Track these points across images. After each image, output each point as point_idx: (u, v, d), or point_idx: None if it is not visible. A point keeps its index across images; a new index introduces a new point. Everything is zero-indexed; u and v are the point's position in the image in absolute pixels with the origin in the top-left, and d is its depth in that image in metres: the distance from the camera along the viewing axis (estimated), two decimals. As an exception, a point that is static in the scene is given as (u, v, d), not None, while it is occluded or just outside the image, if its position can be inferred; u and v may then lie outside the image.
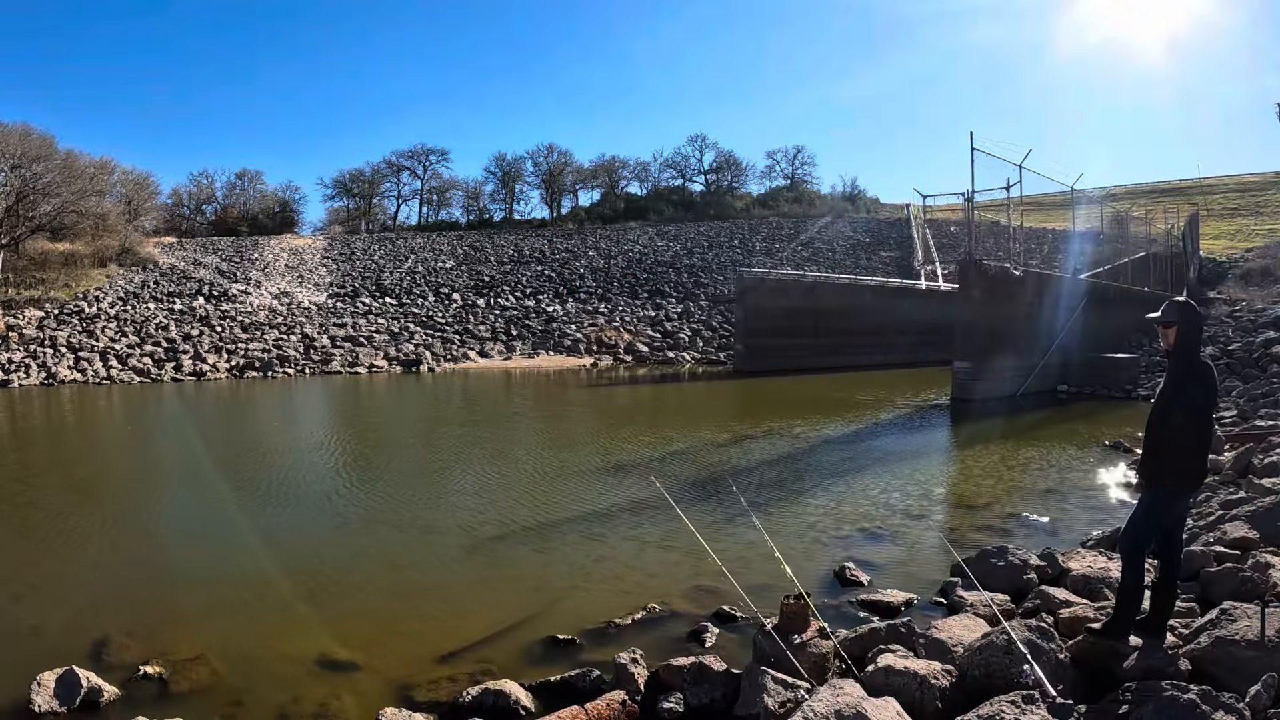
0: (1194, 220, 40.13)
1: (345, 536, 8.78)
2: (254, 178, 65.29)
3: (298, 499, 10.65)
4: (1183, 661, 3.99)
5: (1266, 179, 56.84)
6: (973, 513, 9.30)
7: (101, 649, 5.67)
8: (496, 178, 68.96)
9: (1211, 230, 43.89)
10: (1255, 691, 3.43)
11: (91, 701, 4.85)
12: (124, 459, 14.41)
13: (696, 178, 69.49)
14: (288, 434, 17.17)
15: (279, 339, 33.61)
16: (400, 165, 68.76)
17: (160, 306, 36.37)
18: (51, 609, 6.58)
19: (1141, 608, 4.38)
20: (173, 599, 6.77)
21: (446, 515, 9.57)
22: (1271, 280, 31.98)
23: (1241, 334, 23.19)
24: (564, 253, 48.68)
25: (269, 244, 49.77)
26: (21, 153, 38.24)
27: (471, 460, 13.71)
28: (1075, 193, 27.10)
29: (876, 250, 47.49)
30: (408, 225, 65.49)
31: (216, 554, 8.15)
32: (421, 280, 43.21)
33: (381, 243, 51.76)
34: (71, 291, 36.56)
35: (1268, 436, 10.76)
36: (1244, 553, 5.80)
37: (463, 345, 34.62)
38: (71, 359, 29.35)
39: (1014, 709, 3.50)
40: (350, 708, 4.86)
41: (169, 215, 58.63)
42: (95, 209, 41.67)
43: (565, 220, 62.43)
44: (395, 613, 6.46)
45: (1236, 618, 4.13)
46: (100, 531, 9.10)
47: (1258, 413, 14.58)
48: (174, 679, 5.22)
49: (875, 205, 64.52)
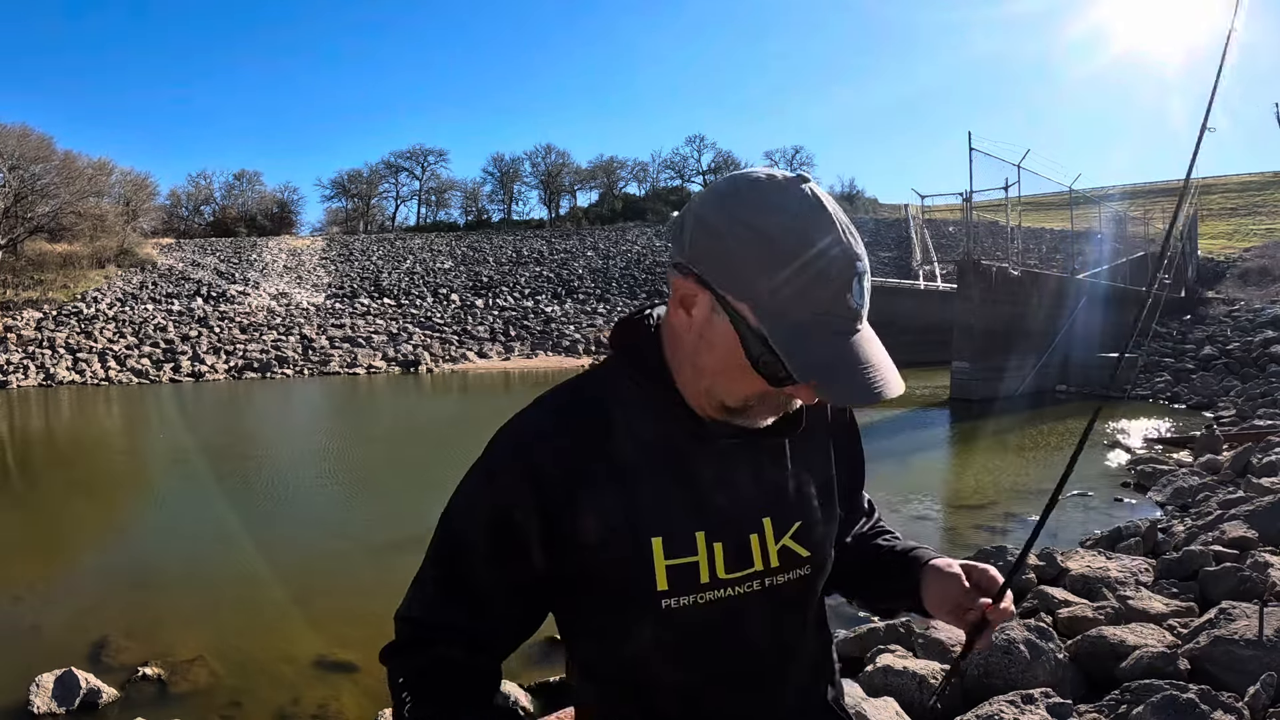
0: (1192, 220, 40.15)
1: (345, 537, 8.77)
2: (252, 179, 65.41)
3: (298, 500, 10.64)
4: (1182, 661, 3.99)
5: (1264, 179, 56.93)
6: (971, 512, 9.30)
7: (100, 650, 5.66)
8: (495, 178, 69.04)
9: (1209, 230, 43.94)
10: (1254, 691, 3.43)
11: (90, 703, 4.84)
12: (123, 460, 14.40)
13: (695, 178, 69.57)
14: (288, 435, 17.16)
15: (277, 340, 33.59)
16: (398, 166, 68.84)
17: (159, 307, 36.35)
18: (50, 610, 6.57)
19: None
20: (172, 600, 6.76)
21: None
22: (1269, 280, 32.04)
23: (1239, 333, 23.20)
24: (562, 253, 48.68)
25: (267, 245, 49.75)
26: (20, 154, 38.25)
27: (471, 461, 13.67)
28: (1073, 193, 27.11)
29: (875, 250, 47.50)
30: (406, 226, 65.49)
31: (216, 555, 8.14)
32: (420, 281, 43.19)
33: (380, 243, 51.73)
34: (70, 293, 36.54)
35: (1266, 436, 10.77)
36: (1243, 552, 5.80)
37: (461, 346, 34.60)
38: (70, 360, 29.34)
39: (1013, 709, 3.50)
40: (350, 708, 4.85)
41: (167, 216, 58.63)
42: (93, 210, 41.71)
43: (564, 221, 62.47)
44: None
45: (1235, 617, 4.13)
46: (99, 532, 9.09)
47: (1256, 412, 14.60)
48: (173, 680, 5.21)
49: (874, 206, 64.56)
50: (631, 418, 1.10)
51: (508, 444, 1.12)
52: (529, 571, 1.10)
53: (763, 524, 1.12)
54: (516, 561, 1.09)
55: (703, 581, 1.07)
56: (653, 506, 1.07)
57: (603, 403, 1.12)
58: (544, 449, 1.08)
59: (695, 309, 1.02)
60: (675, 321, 1.05)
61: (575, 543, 1.07)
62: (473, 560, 1.11)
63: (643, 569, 1.06)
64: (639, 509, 1.07)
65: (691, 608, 1.07)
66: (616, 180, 69.43)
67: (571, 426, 1.10)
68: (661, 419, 1.10)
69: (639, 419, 1.10)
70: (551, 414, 1.13)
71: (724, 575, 1.08)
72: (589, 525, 1.07)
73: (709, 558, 1.08)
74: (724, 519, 1.10)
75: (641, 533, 1.06)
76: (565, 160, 68.55)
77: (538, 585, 1.12)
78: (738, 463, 1.12)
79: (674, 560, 1.06)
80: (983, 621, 1.12)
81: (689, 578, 1.07)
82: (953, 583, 1.17)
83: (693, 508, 1.09)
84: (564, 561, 1.09)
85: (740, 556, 1.10)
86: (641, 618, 1.07)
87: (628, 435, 1.09)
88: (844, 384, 0.94)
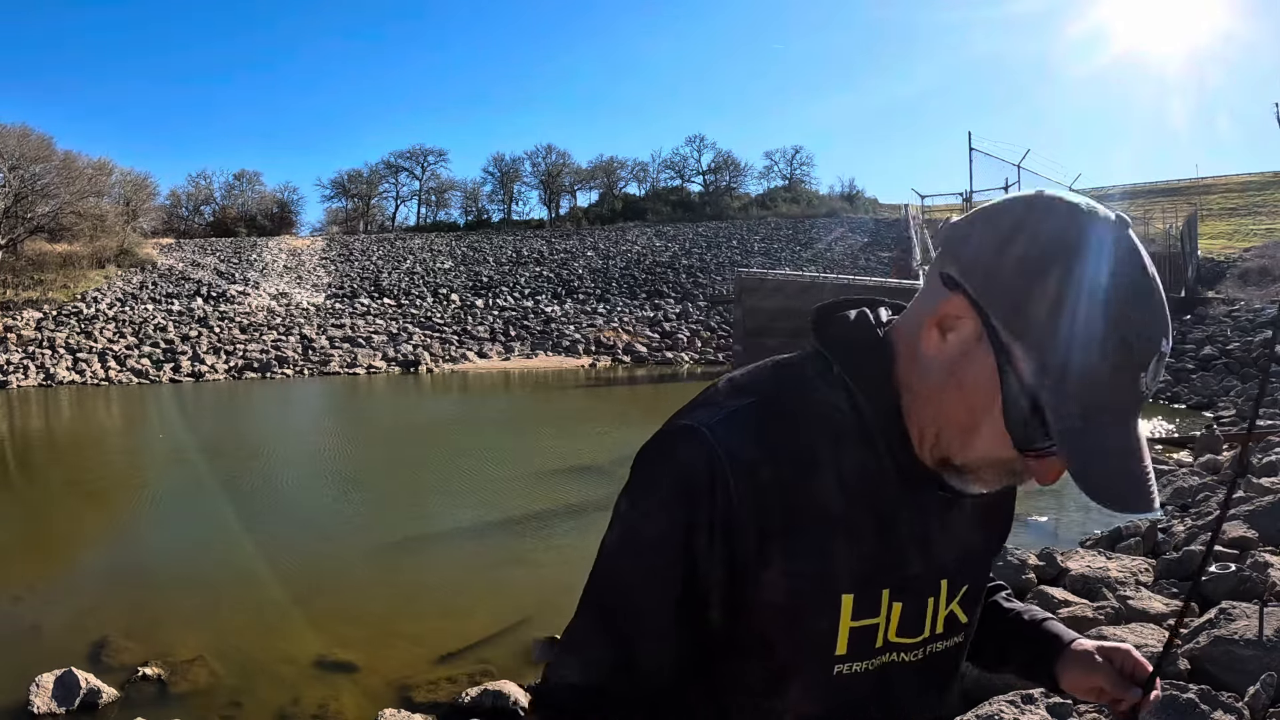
0: (1192, 220, 40.13)
1: (345, 536, 8.77)
2: (252, 179, 65.25)
3: (298, 499, 10.65)
4: (1181, 661, 3.99)
5: (1265, 179, 56.88)
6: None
7: (100, 650, 5.66)
8: (495, 178, 68.87)
9: (1209, 230, 43.91)
10: (1254, 690, 3.43)
11: (90, 703, 4.84)
12: (123, 459, 14.40)
13: (695, 178, 69.45)
14: (288, 435, 17.16)
15: (277, 340, 33.59)
16: (398, 166, 68.68)
17: (159, 307, 36.34)
18: (50, 610, 6.57)
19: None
20: (172, 600, 6.77)
21: (445, 516, 9.57)
22: (1270, 280, 32.02)
23: (1239, 333, 23.18)
24: (562, 253, 48.66)
25: (267, 245, 49.71)
26: (20, 153, 38.24)
27: (471, 460, 13.70)
28: (1074, 193, 27.10)
29: (875, 250, 47.48)
30: (406, 226, 65.38)
31: (216, 555, 8.14)
32: (420, 281, 43.18)
33: (380, 243, 51.70)
34: (70, 292, 36.53)
35: (1266, 436, 10.77)
36: (1243, 552, 5.80)
37: (461, 346, 34.59)
38: (70, 360, 29.33)
39: (1013, 709, 3.51)
40: (349, 708, 4.85)
41: (167, 216, 58.51)
42: (93, 210, 41.66)
43: (564, 221, 62.35)
44: (394, 614, 6.46)
45: (1235, 617, 4.14)
46: (99, 532, 9.10)
47: (1256, 412, 14.59)
48: (173, 680, 5.21)
49: (874, 205, 64.42)
50: (842, 446, 0.90)
51: (695, 452, 0.87)
52: (702, 622, 0.90)
53: (940, 586, 0.98)
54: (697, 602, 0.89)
55: (877, 646, 0.93)
56: (848, 557, 0.90)
57: (807, 420, 0.90)
58: (739, 472, 0.86)
59: (954, 333, 0.84)
60: (923, 341, 0.87)
61: (756, 598, 0.89)
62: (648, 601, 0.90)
63: (827, 631, 0.90)
64: (834, 558, 0.89)
65: (860, 675, 0.93)
66: (616, 180, 69.33)
67: (773, 448, 0.88)
68: (877, 455, 0.91)
69: (850, 449, 0.90)
70: (747, 427, 0.89)
71: (894, 639, 0.94)
72: (777, 578, 0.88)
73: (887, 619, 0.93)
74: (911, 577, 0.94)
75: (833, 589, 0.90)
76: (565, 160, 68.49)
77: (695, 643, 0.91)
78: (933, 513, 0.96)
79: (859, 622, 0.91)
80: (1134, 709, 1.07)
81: (867, 641, 0.92)
82: (1099, 671, 1.09)
83: (885, 562, 0.92)
84: (737, 619, 0.90)
85: (915, 621, 0.96)
86: (806, 683, 0.92)
87: (834, 468, 0.89)
88: (1117, 480, 0.79)
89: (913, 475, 0.91)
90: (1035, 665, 1.18)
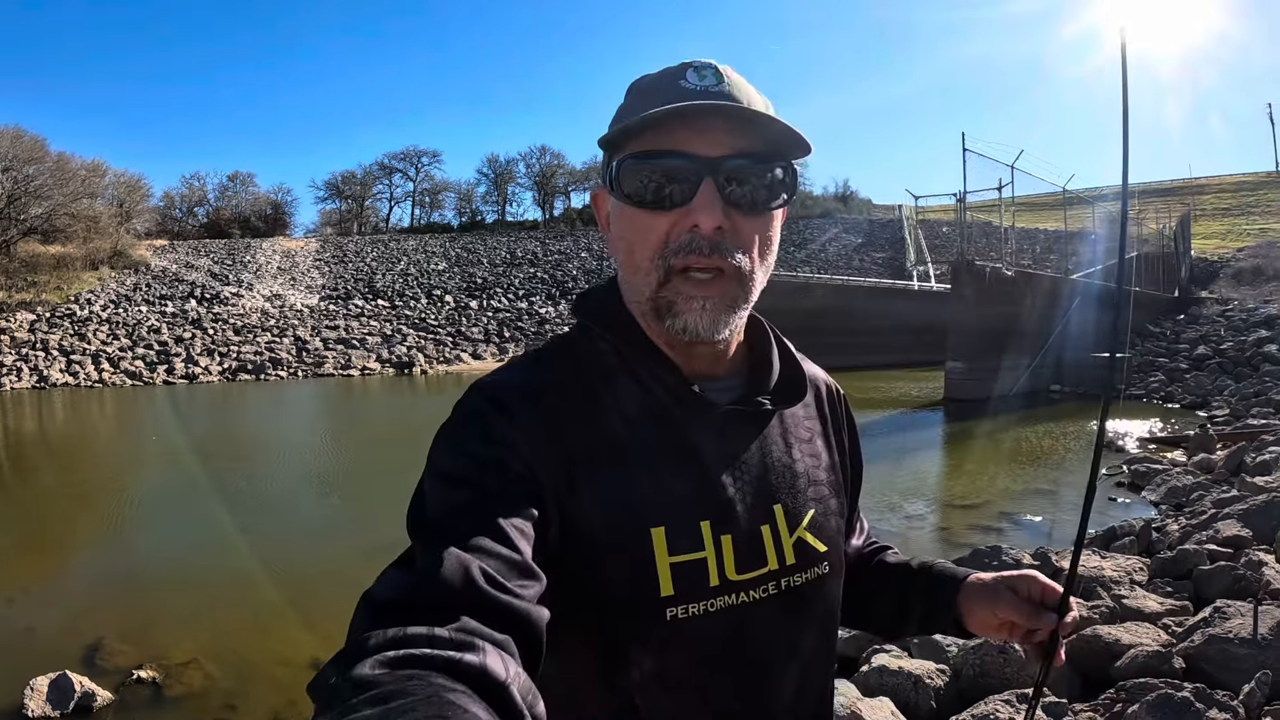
0: (1185, 220, 40.28)
1: (339, 538, 8.75)
2: (246, 180, 65.17)
3: (292, 501, 10.62)
4: (1177, 659, 4.00)
5: (1258, 179, 57.12)
6: (966, 512, 9.31)
7: (95, 653, 5.64)
8: (489, 179, 68.88)
9: (1203, 230, 44.08)
10: (1249, 689, 3.44)
11: (85, 706, 4.82)
12: (117, 463, 14.35)
13: (690, 179, 69.36)
14: (282, 437, 17.12)
15: (271, 341, 33.52)
16: (392, 167, 68.66)
17: (152, 309, 36.24)
18: (44, 613, 6.54)
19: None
20: (166, 603, 6.74)
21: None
22: (1263, 279, 32.16)
23: (1233, 333, 23.29)
24: (557, 254, 48.65)
25: (261, 246, 49.64)
26: (13, 155, 38.12)
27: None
28: (1067, 193, 27.20)
29: (869, 251, 47.57)
30: (400, 227, 65.36)
31: (210, 557, 8.12)
32: (414, 282, 43.14)
33: (374, 245, 51.66)
34: (63, 294, 36.41)
35: (1260, 435, 10.81)
36: (1237, 551, 5.83)
37: (455, 347, 34.56)
38: (63, 362, 29.23)
39: (1009, 708, 3.51)
40: (345, 711, 4.84)
41: (161, 218, 58.37)
42: (87, 211, 41.56)
43: (558, 222, 62.36)
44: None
45: (1230, 615, 4.15)
46: (93, 535, 9.06)
47: (1250, 411, 14.65)
48: (168, 683, 5.20)
49: (868, 206, 64.53)
50: (613, 383, 0.94)
51: (474, 396, 0.92)
52: (544, 537, 0.84)
53: (774, 512, 0.95)
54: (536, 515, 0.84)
55: (712, 585, 0.89)
56: (649, 488, 0.88)
57: (578, 363, 0.96)
58: (527, 397, 0.90)
59: (605, 210, 0.99)
60: (608, 245, 0.99)
61: (576, 526, 0.86)
62: (481, 503, 0.83)
63: (644, 568, 0.86)
64: (636, 488, 0.88)
65: (700, 618, 0.88)
66: (611, 181, 69.23)
67: (554, 381, 0.93)
68: (646, 386, 0.94)
69: (623, 384, 0.94)
70: (524, 368, 0.96)
71: (734, 576, 0.90)
72: (588, 501, 0.87)
73: (717, 554, 0.89)
74: (730, 505, 0.92)
75: (640, 522, 0.87)
76: (559, 161, 68.47)
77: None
78: (741, 438, 0.95)
79: (678, 557, 0.87)
80: (1053, 637, 1.03)
81: (698, 578, 0.88)
82: (1004, 601, 1.05)
83: (693, 491, 0.90)
84: (567, 540, 0.86)
85: (753, 553, 0.92)
86: (640, 634, 0.87)
87: (614, 401, 0.93)
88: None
89: (683, 393, 0.93)
90: (937, 613, 1.13)
